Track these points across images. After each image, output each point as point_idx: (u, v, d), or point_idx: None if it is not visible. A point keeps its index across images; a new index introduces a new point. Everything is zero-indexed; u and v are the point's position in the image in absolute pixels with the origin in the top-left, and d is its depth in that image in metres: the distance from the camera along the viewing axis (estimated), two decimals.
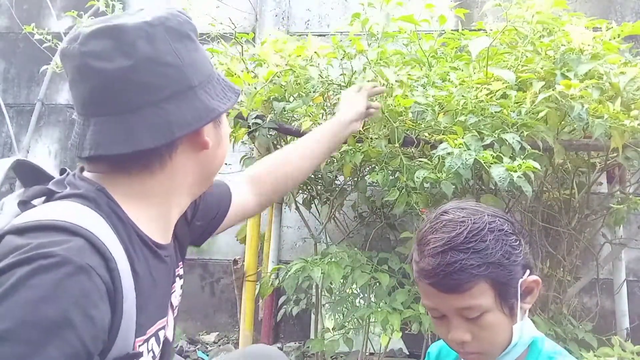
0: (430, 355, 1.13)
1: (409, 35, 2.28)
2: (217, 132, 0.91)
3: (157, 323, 0.85)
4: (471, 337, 0.88)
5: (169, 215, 0.88)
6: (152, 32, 0.79)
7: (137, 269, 0.79)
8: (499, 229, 0.88)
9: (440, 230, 0.89)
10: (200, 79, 0.84)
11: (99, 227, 0.74)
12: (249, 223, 2.38)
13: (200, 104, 0.82)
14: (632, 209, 2.25)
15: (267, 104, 2.25)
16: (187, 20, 0.85)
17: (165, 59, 0.80)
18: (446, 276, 0.85)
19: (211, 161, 0.92)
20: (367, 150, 1.97)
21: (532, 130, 1.83)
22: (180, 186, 0.87)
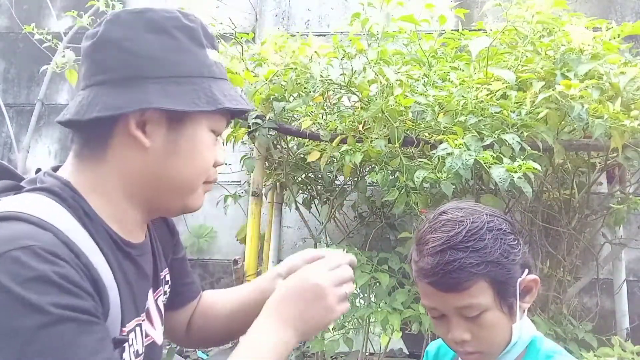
0: (429, 355, 1.13)
1: (409, 35, 2.28)
2: (171, 138, 0.82)
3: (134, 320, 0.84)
4: (470, 337, 0.88)
5: (127, 215, 0.85)
6: (125, 17, 0.81)
7: (111, 262, 0.79)
8: (497, 228, 0.89)
9: (439, 229, 0.89)
10: (160, 74, 0.80)
11: (65, 221, 0.74)
12: (249, 223, 2.38)
13: (138, 95, 0.78)
14: (632, 209, 2.26)
15: (267, 104, 2.25)
16: (174, 17, 0.83)
17: (124, 44, 0.80)
18: (445, 275, 0.85)
19: (159, 168, 0.82)
20: (367, 150, 1.97)
21: (532, 130, 1.83)
22: (127, 185, 0.83)
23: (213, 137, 0.87)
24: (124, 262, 0.83)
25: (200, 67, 0.84)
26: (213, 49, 0.88)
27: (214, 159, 0.88)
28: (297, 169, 2.50)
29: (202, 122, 0.84)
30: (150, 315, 0.93)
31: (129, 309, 0.82)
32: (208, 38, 0.87)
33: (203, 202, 0.92)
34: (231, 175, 3.23)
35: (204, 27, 0.87)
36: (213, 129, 0.87)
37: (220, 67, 0.88)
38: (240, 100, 0.87)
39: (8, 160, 3.90)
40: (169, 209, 0.89)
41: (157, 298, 0.96)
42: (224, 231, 3.52)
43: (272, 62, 2.05)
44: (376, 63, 2.03)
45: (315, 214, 2.74)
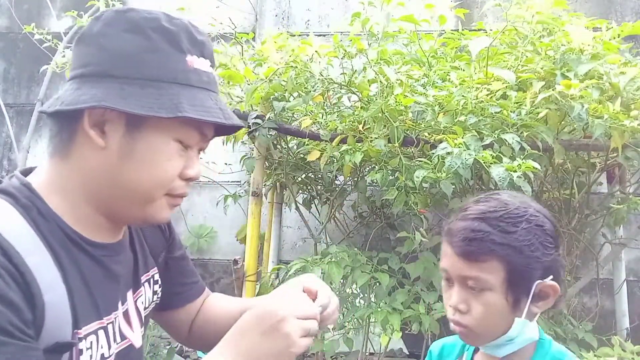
0: (432, 354, 1.13)
1: (409, 35, 2.28)
2: (128, 141, 0.79)
3: (95, 322, 0.82)
4: (466, 309, 0.89)
5: (87, 215, 0.82)
6: (110, 16, 0.80)
7: (63, 262, 0.77)
8: (537, 224, 0.89)
9: (483, 202, 0.91)
10: (127, 74, 0.77)
11: (6, 222, 0.74)
12: (249, 223, 2.38)
13: (97, 92, 0.76)
14: (632, 209, 2.25)
15: (266, 104, 2.25)
16: (154, 19, 0.80)
17: (99, 40, 0.79)
18: (465, 240, 0.88)
19: (114, 171, 0.79)
20: (367, 150, 1.97)
21: (532, 130, 1.83)
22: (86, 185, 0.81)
23: (178, 148, 0.82)
24: (84, 262, 0.81)
25: (172, 72, 0.79)
26: (201, 56, 0.83)
27: (178, 170, 0.83)
28: (297, 168, 2.50)
29: (165, 130, 0.80)
30: (129, 316, 0.91)
31: (86, 311, 0.79)
32: (194, 44, 0.83)
33: (169, 215, 0.87)
34: (231, 175, 3.23)
35: (190, 32, 0.83)
36: (179, 139, 0.82)
37: (203, 75, 0.83)
38: (215, 112, 0.81)
39: (8, 160, 3.90)
40: (128, 216, 0.85)
41: (137, 299, 0.94)
42: (224, 231, 3.52)
43: (272, 61, 2.05)
44: (376, 63, 2.03)
45: (315, 214, 2.74)
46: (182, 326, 1.11)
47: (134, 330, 0.92)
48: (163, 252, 1.05)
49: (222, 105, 0.84)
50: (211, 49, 0.87)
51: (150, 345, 2.80)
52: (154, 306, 1.03)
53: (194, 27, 0.84)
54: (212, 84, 0.85)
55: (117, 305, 0.88)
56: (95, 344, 0.81)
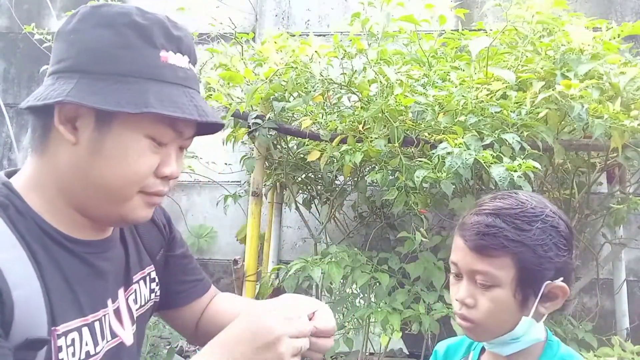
0: (437, 354, 1.12)
1: (409, 35, 2.28)
2: (97, 137, 0.77)
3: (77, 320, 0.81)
4: (473, 304, 0.89)
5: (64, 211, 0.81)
6: (81, 11, 0.80)
7: (39, 259, 0.76)
8: (552, 225, 0.89)
9: (499, 199, 0.92)
10: (96, 69, 0.76)
11: None
12: (249, 223, 2.38)
13: (64, 87, 0.75)
14: (632, 209, 2.26)
15: (266, 104, 2.25)
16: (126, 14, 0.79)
17: (71, 37, 0.79)
18: (479, 234, 0.88)
19: (85, 167, 0.78)
20: (367, 150, 1.97)
21: (532, 130, 1.83)
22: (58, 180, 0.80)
23: (150, 145, 0.80)
24: (65, 259, 0.80)
25: (143, 67, 0.78)
26: (177, 52, 0.81)
27: (150, 167, 0.81)
28: (297, 169, 2.50)
29: (135, 126, 0.78)
30: (120, 314, 0.90)
31: (65, 308, 0.78)
32: (170, 39, 0.81)
33: (147, 214, 0.85)
34: (231, 175, 3.23)
35: (164, 27, 0.81)
36: (151, 135, 0.79)
37: (179, 71, 0.81)
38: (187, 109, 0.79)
39: (8, 160, 3.90)
40: (103, 215, 0.84)
41: (128, 297, 0.93)
42: (224, 231, 3.52)
43: (272, 61, 2.05)
44: (376, 63, 2.03)
45: (315, 214, 2.74)
46: (187, 324, 1.11)
47: (125, 329, 0.91)
48: (162, 250, 1.04)
49: (199, 102, 0.82)
50: (190, 45, 0.85)
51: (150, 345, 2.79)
52: (153, 304, 1.02)
53: (171, 22, 0.83)
54: (190, 80, 0.83)
55: (106, 303, 0.87)
56: (78, 341, 0.80)
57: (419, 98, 1.93)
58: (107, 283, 0.87)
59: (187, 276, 1.09)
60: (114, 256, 0.90)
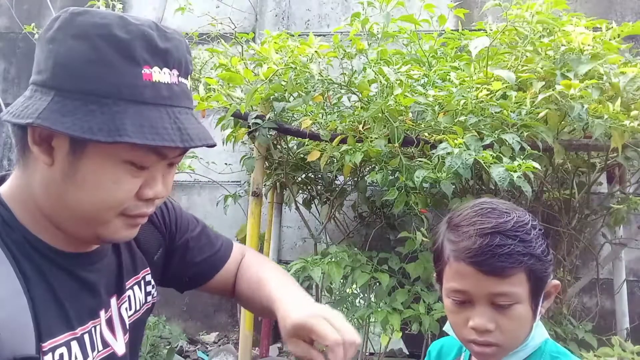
0: (431, 354, 1.12)
1: (409, 35, 2.28)
2: (71, 161, 0.72)
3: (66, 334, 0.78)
4: (494, 327, 0.87)
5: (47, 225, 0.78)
6: (64, 18, 0.73)
7: (27, 273, 0.73)
8: (538, 228, 0.91)
9: (486, 215, 0.89)
10: (69, 86, 0.70)
11: None
12: (249, 223, 2.38)
13: (37, 106, 0.69)
14: (632, 209, 2.25)
15: (266, 104, 2.25)
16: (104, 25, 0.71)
17: (48, 46, 0.72)
18: (493, 257, 0.84)
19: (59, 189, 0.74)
20: (367, 150, 1.98)
21: (532, 130, 1.83)
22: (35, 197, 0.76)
23: (129, 170, 0.74)
24: (52, 272, 0.78)
25: (120, 87, 0.70)
26: (165, 67, 0.74)
27: (129, 193, 0.75)
28: (297, 169, 2.50)
29: (110, 152, 0.72)
30: (113, 324, 0.88)
31: (54, 323, 0.76)
32: (155, 53, 0.73)
33: (131, 233, 0.81)
34: (231, 175, 3.23)
35: (148, 40, 0.72)
36: (130, 161, 0.73)
37: (163, 89, 0.73)
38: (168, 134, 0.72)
39: (8, 160, 3.90)
40: (82, 236, 0.80)
41: (120, 306, 0.91)
42: (224, 231, 3.48)
43: (272, 61, 2.05)
44: (376, 63, 2.03)
45: (315, 214, 2.74)
46: (224, 290, 1.11)
47: (117, 339, 0.89)
48: (160, 249, 1.02)
49: (185, 124, 0.74)
50: (181, 57, 0.76)
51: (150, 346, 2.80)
52: (150, 306, 1.01)
53: (160, 32, 0.74)
54: (177, 98, 0.75)
55: (97, 314, 0.85)
56: (67, 356, 0.78)
57: (419, 98, 1.93)
58: (97, 295, 0.85)
59: (202, 255, 1.07)
60: (104, 266, 0.87)
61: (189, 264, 1.06)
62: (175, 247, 1.05)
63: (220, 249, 1.10)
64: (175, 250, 1.05)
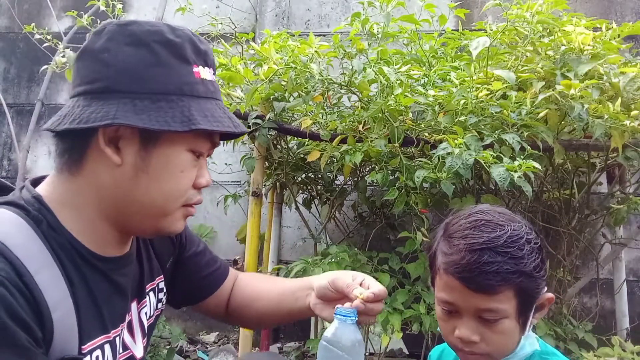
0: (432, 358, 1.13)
1: (410, 35, 2.28)
2: (142, 156, 0.79)
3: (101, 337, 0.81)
4: (479, 339, 0.88)
5: (96, 229, 0.82)
6: (109, 29, 0.79)
7: (72, 277, 0.76)
8: (534, 242, 0.88)
9: (479, 228, 0.88)
10: (134, 89, 0.77)
11: (17, 236, 0.72)
12: (249, 223, 2.38)
13: (107, 109, 0.75)
14: (632, 209, 2.25)
15: (266, 104, 2.25)
16: (158, 32, 0.80)
17: (102, 56, 0.78)
18: (480, 275, 0.84)
19: (130, 187, 0.80)
20: (367, 150, 1.97)
21: (532, 130, 1.83)
22: (98, 200, 0.81)
23: (191, 158, 0.83)
24: (92, 277, 0.80)
25: (180, 85, 0.79)
26: (205, 66, 0.83)
27: (192, 181, 0.83)
28: (297, 168, 2.50)
29: (178, 142, 0.80)
30: (132, 327, 0.90)
31: (92, 326, 0.79)
32: (198, 54, 0.82)
33: (183, 226, 0.88)
34: (231, 175, 3.23)
35: (193, 42, 0.82)
36: (192, 149, 0.82)
37: (209, 85, 0.83)
38: (225, 121, 0.82)
39: (8, 159, 3.90)
40: (142, 230, 0.86)
41: (141, 310, 0.93)
42: (224, 231, 3.52)
43: (272, 61, 2.05)
44: (376, 63, 2.03)
45: (315, 214, 2.74)
46: (217, 310, 1.13)
47: (136, 342, 0.91)
48: (171, 258, 1.05)
49: (229, 114, 0.85)
50: (213, 57, 0.87)
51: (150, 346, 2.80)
52: (160, 313, 1.03)
53: (196, 37, 0.84)
54: (218, 93, 0.86)
55: (125, 317, 0.88)
56: (101, 357, 0.81)
57: (419, 98, 1.93)
58: (126, 299, 0.88)
59: (203, 272, 1.11)
60: (131, 271, 0.90)
61: (195, 277, 1.09)
62: (184, 259, 1.08)
63: (221, 266, 1.15)
64: (183, 262, 1.08)
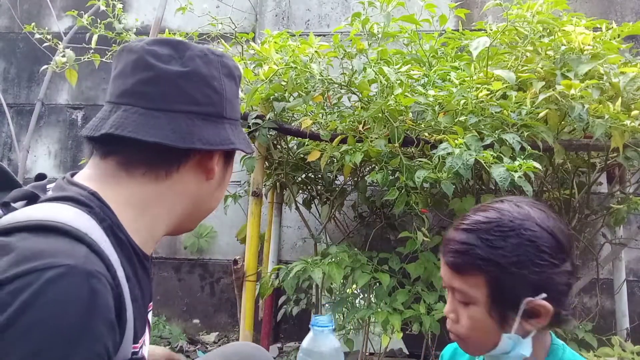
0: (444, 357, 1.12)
1: (410, 35, 2.28)
2: (224, 171, 0.94)
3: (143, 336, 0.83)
4: (456, 318, 0.90)
5: (155, 230, 0.86)
6: (211, 58, 0.89)
7: (130, 276, 0.77)
8: (529, 240, 0.83)
9: (482, 211, 0.89)
10: (231, 115, 0.90)
11: (96, 232, 0.71)
12: (249, 223, 2.38)
13: (224, 133, 0.88)
14: (632, 209, 2.25)
15: (267, 104, 2.25)
16: (238, 67, 0.95)
17: (213, 83, 0.87)
18: (452, 251, 0.88)
19: (207, 198, 0.93)
20: (367, 150, 1.97)
21: (532, 130, 1.83)
22: (174, 206, 0.88)
23: None
24: (142, 276, 0.83)
25: (240, 113, 0.97)
26: None
27: None
28: (297, 168, 2.50)
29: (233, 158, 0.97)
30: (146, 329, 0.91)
31: (140, 325, 0.81)
32: None
33: None
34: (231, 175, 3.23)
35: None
36: None
37: None
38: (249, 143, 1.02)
39: (8, 160, 3.90)
40: (184, 229, 0.96)
41: (149, 312, 0.94)
42: (224, 231, 3.52)
43: (272, 61, 2.05)
44: (376, 63, 2.03)
45: (315, 214, 2.74)
46: None
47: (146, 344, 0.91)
48: None
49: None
50: None
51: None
52: None
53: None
54: None
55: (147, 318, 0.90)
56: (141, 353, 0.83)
57: (419, 98, 1.93)
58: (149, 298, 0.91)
59: None
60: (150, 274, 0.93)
61: None
62: None
63: None
64: None
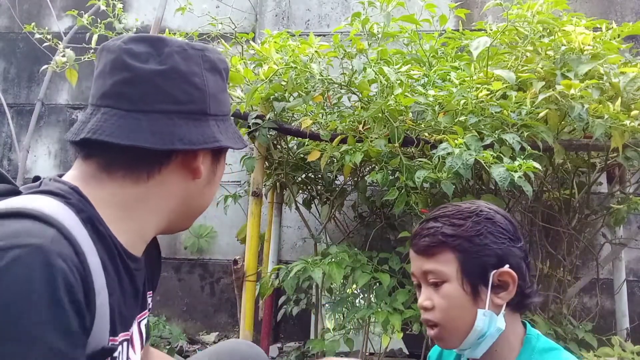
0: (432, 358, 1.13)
1: (410, 35, 2.28)
2: (212, 169, 0.91)
3: (122, 334, 0.82)
4: (431, 305, 0.94)
5: (144, 230, 0.85)
6: (191, 53, 0.85)
7: (107, 267, 0.77)
8: (487, 217, 0.94)
9: (443, 208, 0.99)
10: (216, 111, 0.86)
11: (70, 221, 0.72)
12: (249, 223, 2.38)
13: (207, 131, 0.84)
14: (632, 209, 2.25)
15: (267, 104, 2.25)
16: (224, 60, 0.91)
17: (193, 79, 0.83)
18: (420, 238, 0.96)
19: (196, 197, 0.90)
20: (367, 150, 1.97)
21: (532, 130, 1.83)
22: (160, 207, 0.85)
23: None
24: (124, 273, 0.81)
25: (229, 107, 0.92)
26: None
27: None
28: (297, 168, 2.50)
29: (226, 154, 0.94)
30: (133, 337, 0.89)
31: (120, 320, 0.80)
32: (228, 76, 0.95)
33: None
34: (231, 175, 3.23)
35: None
36: None
37: None
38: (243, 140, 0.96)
39: (8, 160, 3.90)
40: (178, 228, 0.93)
41: (141, 320, 0.93)
42: (224, 231, 3.52)
43: (272, 61, 2.05)
44: (376, 63, 2.03)
45: (315, 214, 2.74)
46: None
47: (136, 352, 0.90)
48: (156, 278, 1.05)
49: None
50: None
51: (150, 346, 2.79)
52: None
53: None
54: None
55: (132, 324, 0.87)
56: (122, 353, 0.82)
57: (419, 98, 1.93)
58: (137, 303, 0.89)
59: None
60: (142, 276, 0.91)
61: None
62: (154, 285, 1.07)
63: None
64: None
